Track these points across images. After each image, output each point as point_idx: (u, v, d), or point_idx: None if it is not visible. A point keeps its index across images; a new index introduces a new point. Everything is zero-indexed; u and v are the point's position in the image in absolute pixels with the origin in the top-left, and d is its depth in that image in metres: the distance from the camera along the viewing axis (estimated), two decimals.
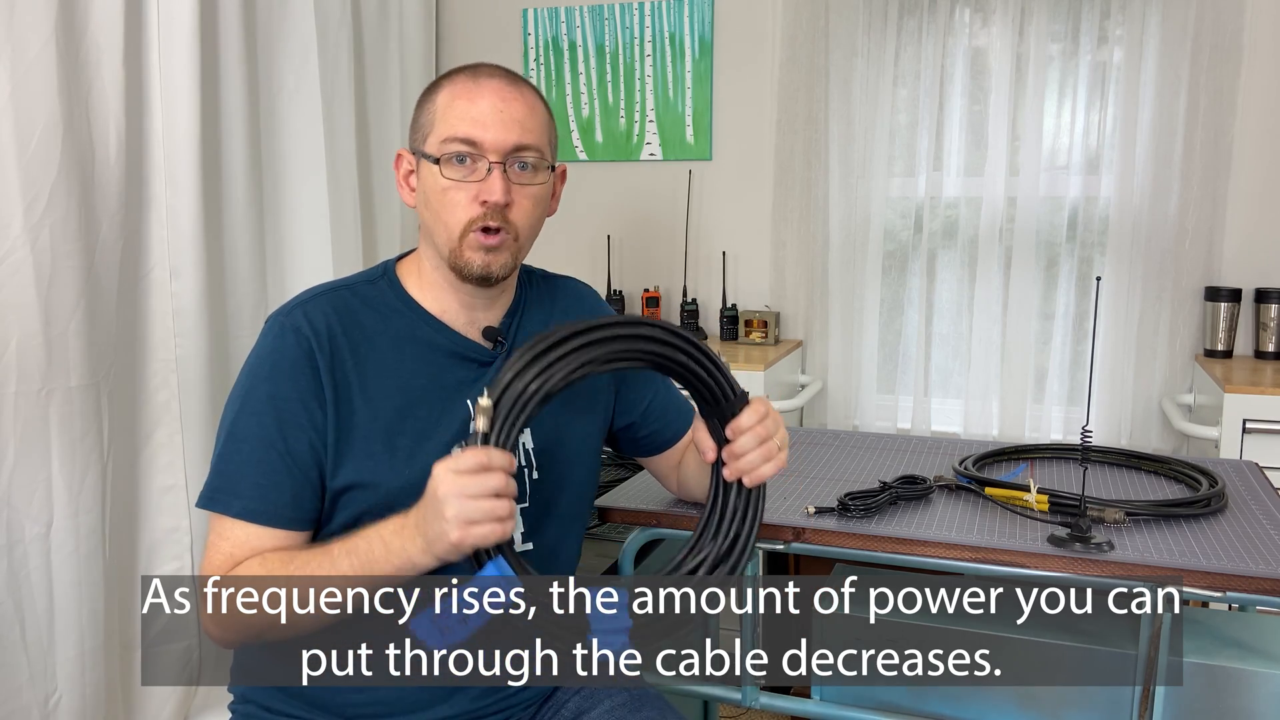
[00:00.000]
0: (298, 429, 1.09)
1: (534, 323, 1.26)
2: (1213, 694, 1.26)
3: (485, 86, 1.14)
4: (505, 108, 1.13)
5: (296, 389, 1.09)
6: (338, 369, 1.11)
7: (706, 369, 1.09)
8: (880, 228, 2.74)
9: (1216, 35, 2.42)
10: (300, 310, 1.13)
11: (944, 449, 1.74)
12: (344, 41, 2.45)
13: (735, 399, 1.11)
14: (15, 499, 1.69)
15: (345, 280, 1.20)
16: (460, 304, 1.18)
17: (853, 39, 2.68)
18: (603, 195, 3.00)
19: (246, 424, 1.10)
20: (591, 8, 2.97)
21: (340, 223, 2.41)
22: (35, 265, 1.68)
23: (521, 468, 1.17)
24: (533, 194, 1.15)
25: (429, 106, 1.16)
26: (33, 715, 1.71)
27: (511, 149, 1.12)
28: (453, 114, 1.13)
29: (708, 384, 1.10)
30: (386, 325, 1.16)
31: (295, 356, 1.10)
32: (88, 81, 1.79)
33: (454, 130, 1.12)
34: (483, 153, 1.11)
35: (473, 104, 1.12)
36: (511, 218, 1.13)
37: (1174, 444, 2.54)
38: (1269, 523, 1.35)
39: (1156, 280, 2.53)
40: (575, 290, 1.34)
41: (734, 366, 2.47)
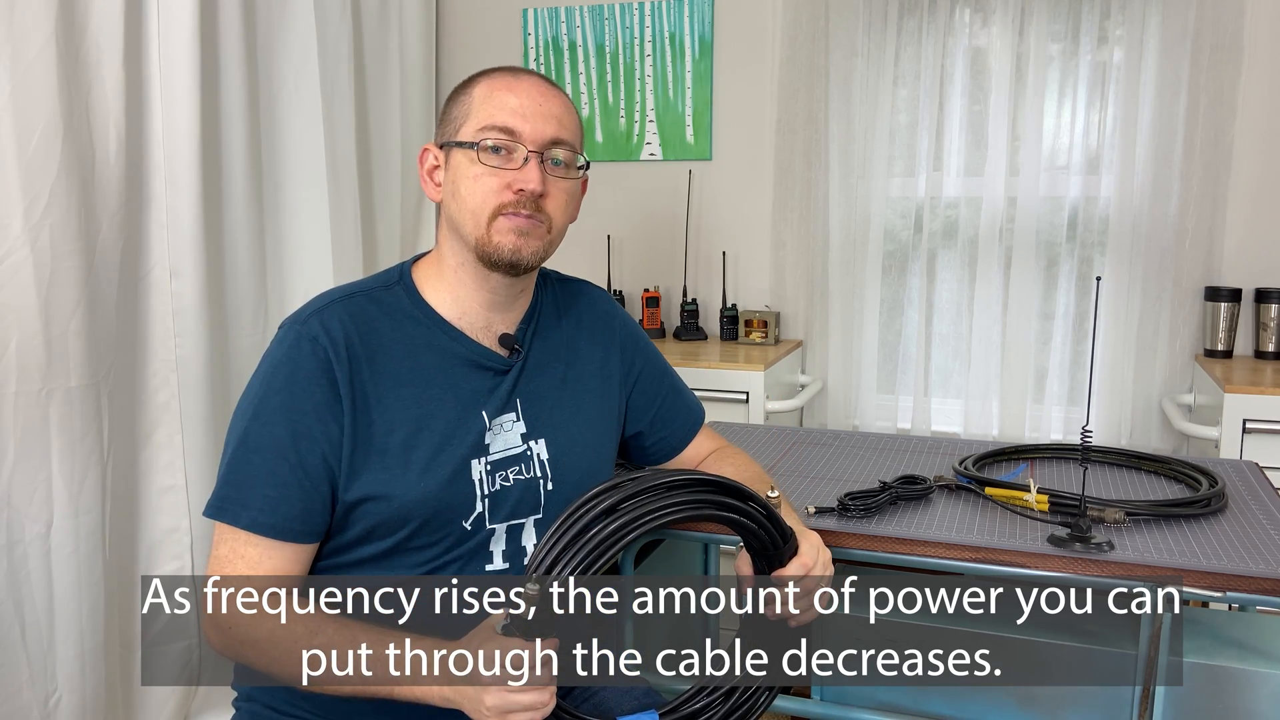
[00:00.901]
0: (311, 441, 1.07)
1: (548, 327, 1.25)
2: (1213, 694, 1.26)
3: (524, 81, 1.15)
4: (544, 102, 1.14)
5: (312, 401, 1.08)
6: (355, 380, 1.10)
7: (757, 520, 1.06)
8: (880, 228, 2.74)
9: (1216, 35, 2.42)
10: (317, 318, 1.11)
11: (944, 449, 1.74)
12: (344, 41, 2.45)
13: (784, 546, 1.09)
14: (15, 499, 1.69)
15: (361, 285, 1.19)
16: (480, 304, 1.18)
17: (853, 39, 2.68)
18: (603, 195, 3.00)
19: (260, 434, 1.08)
20: (591, 8, 2.97)
21: (340, 222, 2.41)
22: (35, 265, 1.68)
23: (536, 479, 1.18)
24: (566, 188, 1.16)
25: (463, 99, 1.16)
26: (33, 715, 1.71)
27: (549, 141, 1.13)
28: (492, 103, 1.13)
29: (757, 534, 1.07)
30: (402, 333, 1.15)
31: (311, 368, 1.09)
32: (88, 81, 1.79)
33: (493, 119, 1.12)
34: (521, 142, 1.12)
35: (512, 94, 1.13)
36: (546, 208, 1.14)
37: (1174, 444, 2.54)
38: (1269, 523, 1.35)
39: (1156, 280, 2.53)
40: (589, 294, 1.34)
41: (734, 366, 2.47)
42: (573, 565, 0.93)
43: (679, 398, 1.38)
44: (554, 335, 1.26)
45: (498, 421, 1.17)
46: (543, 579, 0.93)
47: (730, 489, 1.02)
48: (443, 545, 1.12)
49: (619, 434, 1.31)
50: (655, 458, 1.37)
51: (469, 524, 1.12)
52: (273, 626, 1.03)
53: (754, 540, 1.07)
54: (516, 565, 1.16)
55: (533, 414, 1.19)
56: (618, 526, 0.95)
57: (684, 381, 1.41)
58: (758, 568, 1.11)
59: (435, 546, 1.12)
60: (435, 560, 1.12)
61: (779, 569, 1.09)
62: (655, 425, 1.34)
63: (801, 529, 1.14)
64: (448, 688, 0.97)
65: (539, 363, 1.22)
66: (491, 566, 1.14)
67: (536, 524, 1.17)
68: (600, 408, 1.27)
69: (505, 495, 1.15)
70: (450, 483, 1.11)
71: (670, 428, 1.36)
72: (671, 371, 1.39)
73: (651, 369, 1.35)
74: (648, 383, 1.34)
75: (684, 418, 1.38)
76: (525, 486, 1.17)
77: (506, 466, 1.16)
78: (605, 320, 1.32)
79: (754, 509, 1.04)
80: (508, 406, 1.18)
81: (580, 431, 1.23)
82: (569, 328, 1.28)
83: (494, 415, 1.16)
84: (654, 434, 1.35)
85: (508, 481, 1.15)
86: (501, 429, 1.16)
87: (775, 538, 1.07)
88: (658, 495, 0.98)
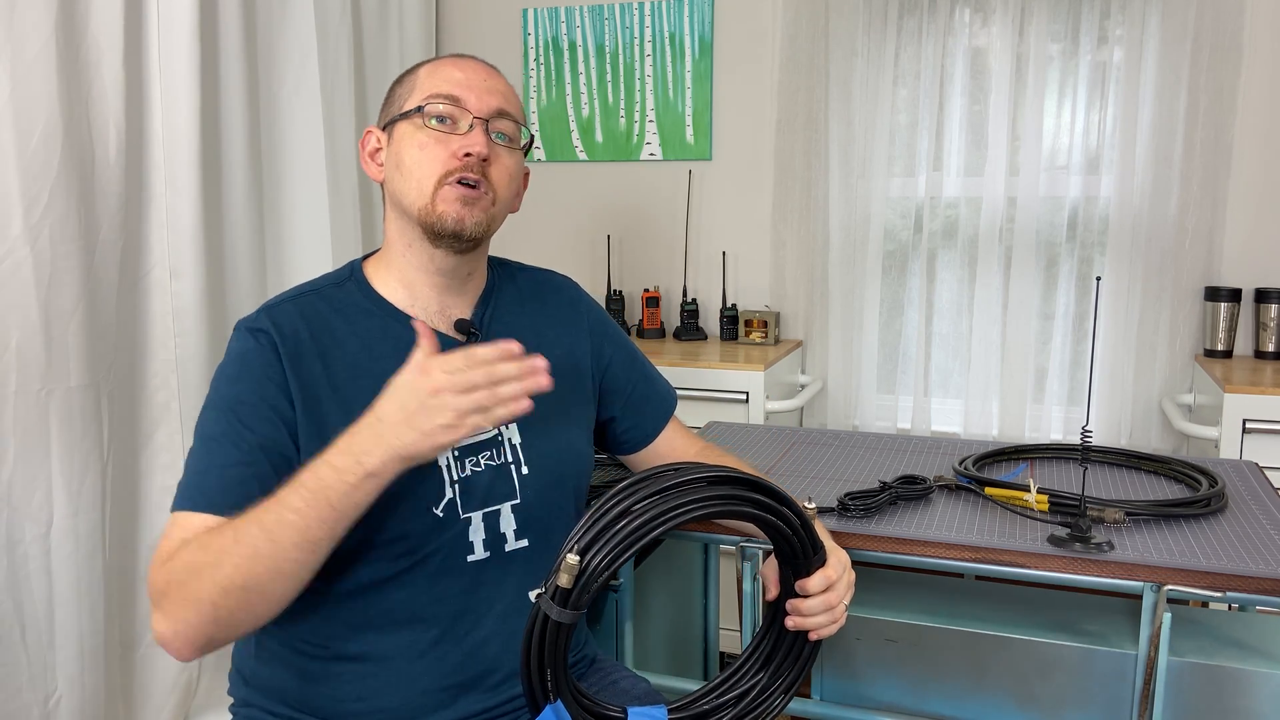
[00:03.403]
0: (266, 423, 1.06)
1: (508, 311, 1.25)
2: (1212, 694, 1.26)
3: (469, 60, 1.19)
4: (488, 78, 1.18)
5: (260, 386, 1.08)
6: (305, 371, 1.10)
7: (792, 526, 1.05)
8: (880, 228, 2.74)
9: (1216, 35, 2.42)
10: (265, 315, 1.12)
11: (944, 449, 1.74)
12: (344, 41, 2.45)
13: (814, 556, 1.09)
14: (15, 499, 1.69)
15: (312, 284, 1.19)
16: (431, 287, 1.18)
17: (853, 39, 2.68)
18: (603, 195, 3.00)
19: (214, 426, 1.07)
20: (591, 8, 2.97)
21: (340, 222, 2.41)
22: (35, 265, 1.68)
23: (508, 464, 1.17)
24: (511, 162, 1.18)
25: (408, 80, 1.18)
26: (33, 715, 1.71)
27: (494, 111, 1.15)
28: (437, 76, 1.16)
29: (790, 540, 1.06)
30: (355, 327, 1.15)
31: (261, 355, 1.09)
32: (88, 81, 1.79)
33: (438, 89, 1.14)
34: (466, 109, 1.14)
35: (457, 69, 1.16)
36: (491, 175, 1.14)
37: (1174, 444, 2.54)
38: (1269, 523, 1.35)
39: (1156, 280, 2.53)
40: (553, 281, 1.34)
41: (734, 366, 2.47)
42: (611, 547, 0.93)
43: (650, 384, 1.38)
44: (516, 321, 1.25)
45: None
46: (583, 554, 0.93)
47: (768, 489, 1.02)
48: (417, 536, 1.11)
49: (593, 419, 1.31)
50: (629, 444, 1.36)
51: (440, 510, 1.11)
52: (191, 549, 0.98)
53: (785, 546, 1.07)
54: (498, 554, 1.15)
55: None
56: (655, 514, 0.95)
57: (655, 368, 1.41)
58: (783, 575, 1.11)
59: (409, 539, 1.10)
60: (413, 554, 1.11)
61: (804, 579, 1.09)
62: (628, 411, 1.34)
63: (832, 545, 1.14)
64: (384, 441, 0.94)
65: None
66: (473, 557, 1.13)
67: (514, 509, 1.16)
68: (570, 391, 1.26)
69: (476, 481, 1.14)
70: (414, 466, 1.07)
71: (643, 413, 1.35)
72: (642, 357, 1.39)
73: (621, 355, 1.35)
74: (618, 368, 1.34)
75: (656, 404, 1.37)
76: (497, 471, 1.15)
77: (476, 452, 1.15)
78: (571, 306, 1.32)
79: (789, 513, 1.04)
80: None
81: (552, 414, 1.21)
82: (532, 314, 1.27)
83: None
84: (626, 419, 1.34)
85: (478, 467, 1.14)
86: None
87: (806, 546, 1.07)
88: (699, 488, 0.98)
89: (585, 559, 0.92)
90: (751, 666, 1.13)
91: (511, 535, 1.17)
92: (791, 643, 1.13)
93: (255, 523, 0.96)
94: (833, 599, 1.09)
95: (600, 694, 1.26)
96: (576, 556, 0.92)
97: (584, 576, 0.92)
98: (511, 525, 1.17)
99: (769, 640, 1.14)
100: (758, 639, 1.15)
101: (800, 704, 1.45)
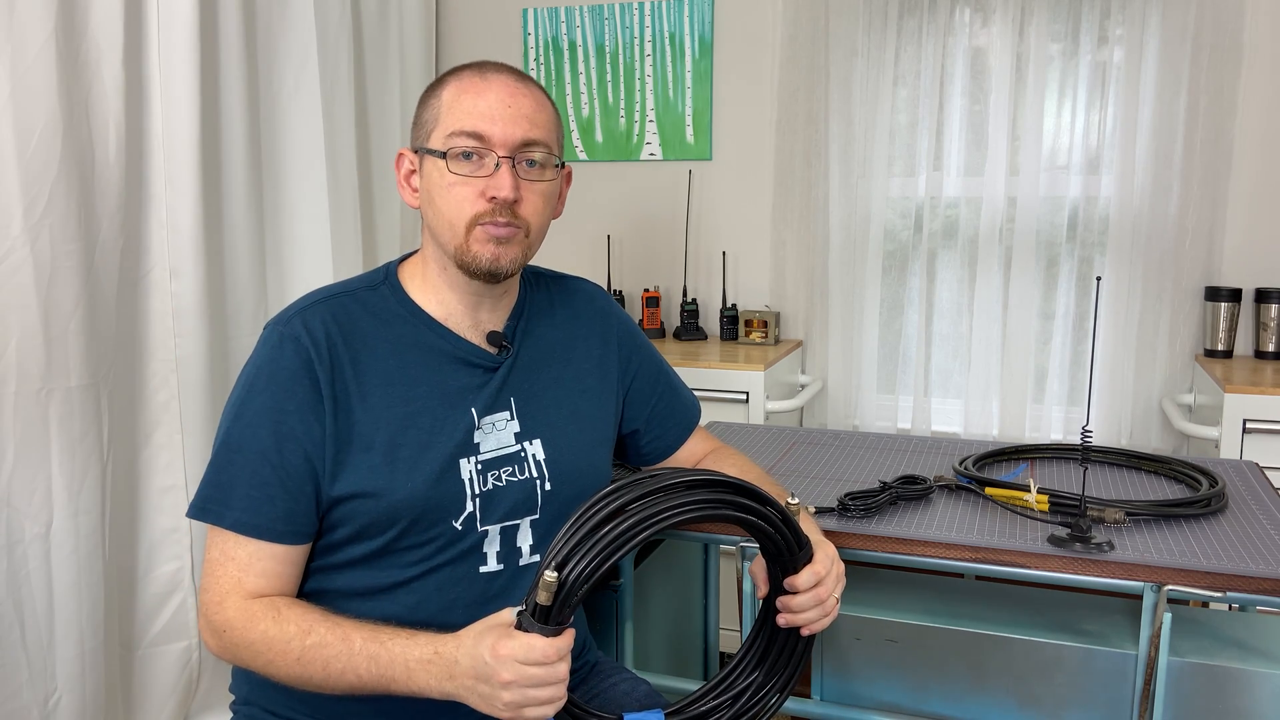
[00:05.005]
0: (293, 442, 1.07)
1: (540, 323, 1.24)
2: (1212, 694, 1.26)
3: (492, 81, 1.12)
4: (513, 102, 1.11)
5: (294, 400, 1.07)
6: (337, 379, 1.09)
7: (774, 524, 1.05)
8: (880, 228, 2.74)
9: (1216, 35, 2.42)
10: (299, 319, 1.11)
11: (944, 449, 1.74)
12: (344, 41, 2.45)
13: (800, 552, 1.09)
14: (15, 499, 1.69)
15: (346, 285, 1.18)
16: (464, 304, 1.17)
17: (853, 39, 2.68)
18: (603, 195, 3.00)
19: (241, 435, 1.08)
20: (591, 8, 2.97)
21: (340, 223, 2.40)
22: (35, 265, 1.68)
23: (533, 479, 1.17)
24: (541, 190, 1.13)
25: (433, 102, 1.13)
26: (33, 715, 1.71)
27: (520, 144, 1.10)
28: (459, 108, 1.10)
29: (773, 538, 1.06)
30: (388, 332, 1.14)
31: (293, 367, 1.08)
32: (88, 81, 1.79)
33: (460, 124, 1.09)
34: (490, 148, 1.09)
35: (480, 98, 1.10)
36: (521, 214, 1.11)
37: (1174, 444, 2.54)
38: (1269, 523, 1.35)
39: (1156, 280, 2.53)
40: (584, 291, 1.33)
41: (734, 366, 2.47)
42: (591, 557, 0.93)
43: (675, 396, 1.37)
44: (548, 333, 1.24)
45: (489, 420, 1.15)
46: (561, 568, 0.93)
47: (747, 491, 1.02)
48: (434, 545, 1.11)
49: (616, 432, 1.31)
50: (651, 456, 1.36)
51: (459, 524, 1.11)
52: (266, 628, 1.04)
53: (769, 544, 1.07)
54: (511, 566, 1.15)
55: (528, 413, 1.18)
56: (635, 521, 0.94)
57: (681, 379, 1.41)
58: (772, 574, 1.11)
59: (426, 547, 1.11)
60: (427, 561, 1.11)
61: (792, 575, 1.09)
62: (651, 423, 1.34)
63: (819, 539, 1.14)
64: (449, 683, 0.96)
65: (532, 361, 1.21)
66: (486, 568, 1.14)
67: (533, 524, 1.16)
68: (597, 406, 1.26)
69: (499, 496, 1.14)
70: (438, 480, 1.10)
71: (666, 425, 1.35)
72: (668, 369, 1.38)
73: (648, 366, 1.34)
74: (644, 381, 1.33)
75: (680, 416, 1.37)
76: (520, 487, 1.15)
77: (499, 466, 1.15)
78: (602, 317, 1.31)
79: (770, 512, 1.04)
80: (499, 404, 1.17)
81: (578, 431, 1.22)
82: (564, 325, 1.26)
83: (484, 413, 1.15)
84: (650, 432, 1.34)
85: (500, 482, 1.14)
86: (494, 428, 1.15)
87: (791, 543, 1.07)
88: (677, 493, 0.97)
89: (564, 573, 0.92)
90: (746, 666, 1.13)
91: (527, 549, 1.17)
92: (785, 640, 1.13)
93: (319, 661, 1.02)
94: (822, 593, 1.09)
95: (600, 697, 1.26)
96: (555, 573, 0.92)
97: (563, 591, 0.92)
98: (528, 540, 1.17)
99: (762, 639, 1.14)
100: (751, 638, 1.15)
101: (800, 704, 1.45)
